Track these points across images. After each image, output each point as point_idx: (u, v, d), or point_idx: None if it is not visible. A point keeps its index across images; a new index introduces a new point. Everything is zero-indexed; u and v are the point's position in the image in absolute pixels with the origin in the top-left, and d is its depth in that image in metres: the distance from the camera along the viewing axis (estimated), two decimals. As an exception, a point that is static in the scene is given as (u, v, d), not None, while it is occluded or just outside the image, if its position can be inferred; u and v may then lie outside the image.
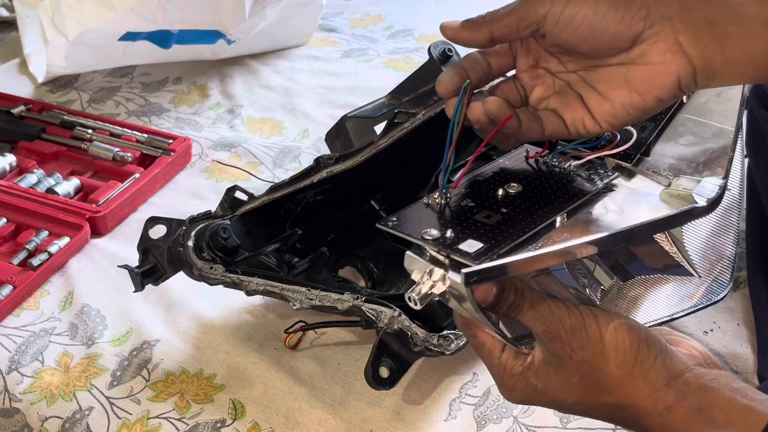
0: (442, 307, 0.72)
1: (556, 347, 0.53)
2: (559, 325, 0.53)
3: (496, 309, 0.54)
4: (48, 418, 0.77)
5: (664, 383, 0.52)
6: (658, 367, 0.52)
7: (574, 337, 0.53)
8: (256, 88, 1.30)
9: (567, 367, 0.53)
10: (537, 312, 0.53)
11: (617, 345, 0.52)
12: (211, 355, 0.82)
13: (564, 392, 0.54)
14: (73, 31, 1.13)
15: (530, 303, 0.54)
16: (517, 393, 0.56)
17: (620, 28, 0.54)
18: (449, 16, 1.64)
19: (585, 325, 0.53)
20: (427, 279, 0.52)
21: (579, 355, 0.53)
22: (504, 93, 0.61)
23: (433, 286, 0.52)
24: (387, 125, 0.84)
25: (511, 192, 0.59)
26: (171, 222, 0.79)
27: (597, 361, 0.53)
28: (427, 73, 0.90)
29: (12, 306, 0.88)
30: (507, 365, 0.56)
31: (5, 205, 0.99)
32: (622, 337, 0.53)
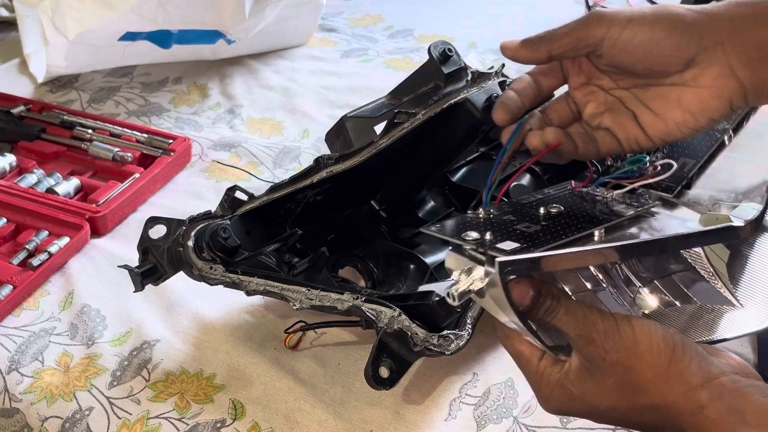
0: (442, 307, 0.72)
1: (589, 350, 0.54)
2: (592, 328, 0.53)
3: (532, 314, 0.55)
4: (48, 418, 0.77)
5: (699, 383, 0.52)
6: (694, 368, 0.52)
7: (607, 340, 0.53)
8: (256, 88, 1.30)
9: (601, 370, 0.54)
10: (572, 316, 0.54)
11: (651, 346, 0.53)
12: (211, 355, 0.82)
13: (599, 397, 0.54)
14: (73, 31, 1.13)
15: (565, 308, 0.55)
16: (554, 401, 0.57)
17: (675, 53, 0.57)
18: (449, 16, 1.64)
19: (618, 328, 0.53)
20: (466, 277, 0.53)
21: (612, 357, 0.53)
22: (557, 112, 0.64)
23: (472, 284, 0.53)
24: (387, 125, 0.84)
25: (552, 211, 0.61)
26: (171, 222, 0.79)
27: (630, 362, 0.53)
28: (427, 73, 0.90)
29: (12, 306, 0.88)
30: (545, 373, 0.56)
31: (5, 205, 0.99)
32: (657, 339, 0.53)
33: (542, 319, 0.55)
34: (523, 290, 0.54)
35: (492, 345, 0.82)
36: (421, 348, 0.71)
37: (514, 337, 0.58)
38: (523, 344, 0.57)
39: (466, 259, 0.53)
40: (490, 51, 1.40)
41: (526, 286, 0.54)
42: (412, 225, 0.92)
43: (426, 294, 0.73)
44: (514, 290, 0.53)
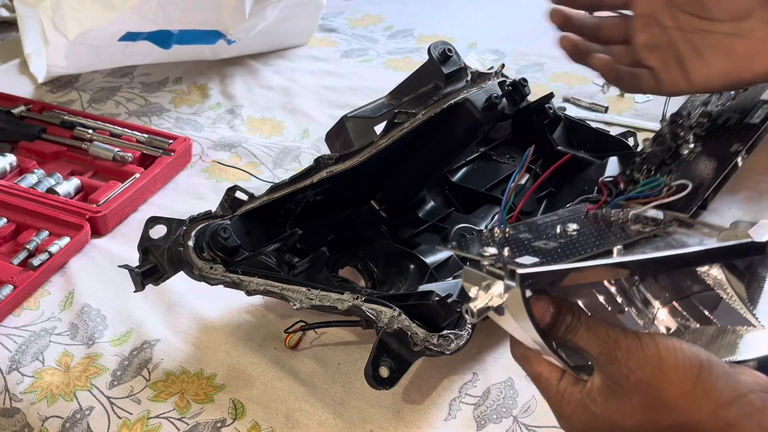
0: (442, 307, 0.72)
1: (612, 369, 0.52)
2: (615, 346, 0.52)
3: (553, 331, 0.54)
4: (48, 418, 0.77)
5: (727, 401, 0.51)
6: (721, 386, 0.51)
7: (630, 358, 0.52)
8: (256, 88, 1.30)
9: (625, 389, 0.52)
10: (593, 334, 0.53)
11: (677, 363, 0.52)
12: (211, 355, 0.82)
13: (624, 416, 0.53)
14: (73, 31, 1.13)
15: (586, 326, 0.53)
16: (576, 422, 0.55)
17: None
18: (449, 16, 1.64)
19: (642, 346, 0.52)
20: (484, 293, 0.52)
21: (636, 375, 0.52)
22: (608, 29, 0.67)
23: (491, 300, 0.52)
24: (387, 125, 0.84)
25: (568, 230, 0.60)
26: (171, 222, 0.79)
27: (655, 380, 0.52)
28: (427, 74, 0.90)
29: (12, 306, 0.88)
30: (565, 393, 0.55)
31: (5, 205, 0.99)
32: (682, 356, 0.52)
33: (563, 337, 0.54)
34: (544, 307, 0.53)
35: (492, 345, 0.82)
36: (421, 348, 0.71)
37: (533, 358, 0.56)
38: (542, 365, 0.56)
39: (484, 275, 0.52)
40: (490, 51, 1.40)
41: (547, 303, 0.53)
42: (412, 225, 0.92)
43: (426, 294, 0.73)
44: (534, 307, 0.52)
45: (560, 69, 1.35)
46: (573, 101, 1.24)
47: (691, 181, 0.66)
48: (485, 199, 0.94)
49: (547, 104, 0.98)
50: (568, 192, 0.93)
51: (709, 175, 0.69)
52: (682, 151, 0.76)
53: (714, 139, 0.75)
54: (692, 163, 0.73)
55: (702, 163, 0.73)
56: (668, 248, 0.61)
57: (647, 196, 0.66)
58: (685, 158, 0.75)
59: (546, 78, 1.32)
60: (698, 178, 0.69)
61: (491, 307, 0.52)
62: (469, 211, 0.94)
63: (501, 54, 1.40)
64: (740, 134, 0.73)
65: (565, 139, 0.98)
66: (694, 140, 0.76)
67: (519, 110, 0.94)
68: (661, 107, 1.17)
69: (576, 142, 0.99)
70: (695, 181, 0.69)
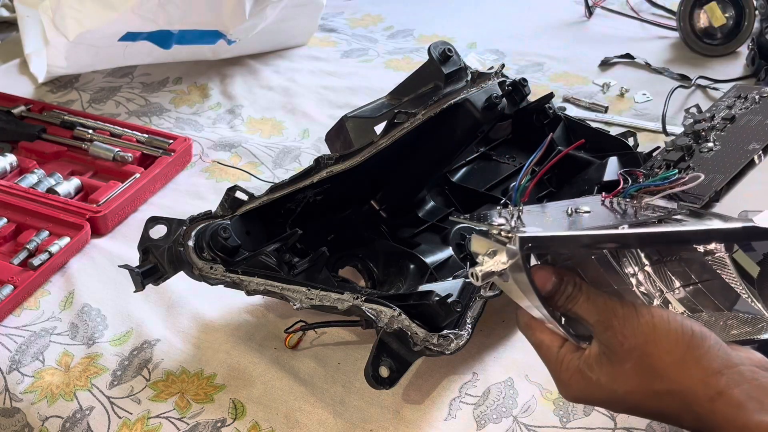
0: (442, 307, 0.72)
1: (608, 336, 0.55)
2: (611, 314, 0.55)
3: (554, 300, 0.56)
4: (48, 418, 0.77)
5: (717, 370, 0.52)
6: (712, 355, 0.53)
7: (625, 326, 0.54)
8: (256, 88, 1.30)
9: (619, 356, 0.54)
10: (592, 304, 0.56)
11: (669, 332, 0.53)
12: (212, 354, 0.82)
13: (617, 382, 0.55)
14: (73, 31, 1.13)
15: (586, 295, 0.56)
16: (573, 388, 0.57)
17: None
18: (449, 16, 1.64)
19: (637, 314, 0.54)
20: (489, 259, 0.54)
21: (630, 342, 0.54)
22: None
23: (495, 265, 0.54)
24: (387, 125, 0.84)
25: (579, 210, 0.62)
26: (171, 222, 0.79)
27: (648, 347, 0.54)
28: (427, 74, 0.90)
29: (12, 306, 0.88)
30: (564, 359, 0.57)
31: (6, 205, 0.99)
32: (675, 325, 0.54)
33: (563, 306, 0.56)
34: (546, 275, 0.56)
35: (492, 345, 0.82)
36: (421, 347, 0.71)
37: (535, 327, 0.59)
38: (544, 333, 0.58)
39: (491, 241, 0.54)
40: (490, 51, 1.40)
41: (548, 272, 0.56)
42: (412, 225, 0.92)
43: (426, 294, 0.74)
44: (536, 275, 0.55)
45: (560, 69, 1.35)
46: (573, 101, 1.24)
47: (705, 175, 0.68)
48: (485, 199, 0.94)
49: (547, 104, 0.98)
50: (568, 192, 0.93)
51: (725, 170, 0.70)
52: (702, 150, 0.77)
53: (734, 139, 0.77)
54: (710, 160, 0.75)
55: (720, 160, 0.74)
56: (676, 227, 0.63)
57: (661, 185, 0.67)
58: (704, 155, 0.76)
59: (546, 78, 1.32)
60: (714, 173, 0.70)
61: (495, 272, 0.54)
62: (469, 211, 0.93)
63: (501, 54, 1.40)
64: (759, 134, 0.75)
65: (565, 139, 0.98)
66: (714, 139, 0.77)
67: (519, 110, 0.94)
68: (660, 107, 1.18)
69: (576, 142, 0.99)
70: (710, 176, 0.70)
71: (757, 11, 1.31)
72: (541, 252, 0.58)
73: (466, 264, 0.86)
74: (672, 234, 0.59)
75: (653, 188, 0.67)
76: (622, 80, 1.30)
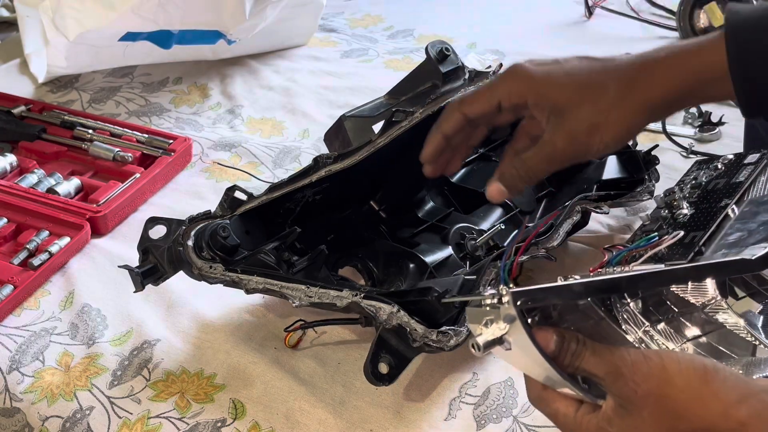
0: (440, 303, 0.72)
1: (620, 386, 0.53)
2: (620, 363, 0.53)
3: (559, 360, 0.55)
4: (48, 418, 0.77)
5: (736, 400, 0.51)
6: (730, 386, 0.52)
7: (635, 372, 0.53)
8: (256, 88, 1.30)
9: (635, 405, 0.53)
10: (598, 356, 0.54)
11: (680, 370, 0.52)
12: (212, 354, 0.82)
13: (639, 430, 0.54)
14: (73, 31, 1.13)
15: (591, 350, 0.55)
16: None
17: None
18: (449, 16, 1.64)
19: (646, 359, 0.53)
20: (487, 329, 0.54)
21: (643, 388, 0.53)
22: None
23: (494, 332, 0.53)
24: (385, 124, 0.84)
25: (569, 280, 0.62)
26: (171, 222, 0.79)
27: (662, 390, 0.52)
28: (425, 73, 0.90)
29: (13, 306, 0.88)
30: (583, 422, 0.56)
31: (6, 205, 0.99)
32: (686, 363, 0.53)
33: (571, 365, 0.55)
34: (547, 335, 0.55)
35: (491, 344, 0.82)
36: (420, 344, 0.71)
37: (548, 397, 0.57)
38: (558, 401, 0.57)
39: (484, 310, 0.54)
40: (490, 51, 1.40)
41: (550, 332, 0.55)
42: (411, 225, 0.92)
43: (425, 290, 0.73)
44: (538, 335, 0.54)
45: (560, 69, 1.35)
46: (573, 101, 1.24)
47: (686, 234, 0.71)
48: (485, 200, 0.94)
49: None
50: (568, 191, 0.93)
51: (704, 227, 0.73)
52: (677, 216, 0.82)
53: (705, 201, 0.82)
54: (687, 222, 0.79)
55: (697, 220, 0.78)
56: None
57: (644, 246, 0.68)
58: (680, 220, 0.81)
59: (546, 78, 1.32)
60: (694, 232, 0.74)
61: (496, 339, 0.53)
62: (468, 211, 0.94)
63: (501, 54, 1.40)
64: (728, 191, 0.80)
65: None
66: (687, 206, 0.82)
67: (518, 110, 0.94)
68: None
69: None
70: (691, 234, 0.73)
71: (757, 11, 1.31)
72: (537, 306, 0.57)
73: (465, 263, 0.86)
74: (663, 272, 0.59)
75: (636, 252, 0.67)
76: (622, 80, 1.29)
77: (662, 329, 0.66)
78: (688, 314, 0.68)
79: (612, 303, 0.66)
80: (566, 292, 0.56)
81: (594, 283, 0.57)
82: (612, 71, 0.68)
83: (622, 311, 0.66)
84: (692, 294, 0.67)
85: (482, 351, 0.53)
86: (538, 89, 0.68)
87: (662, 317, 0.67)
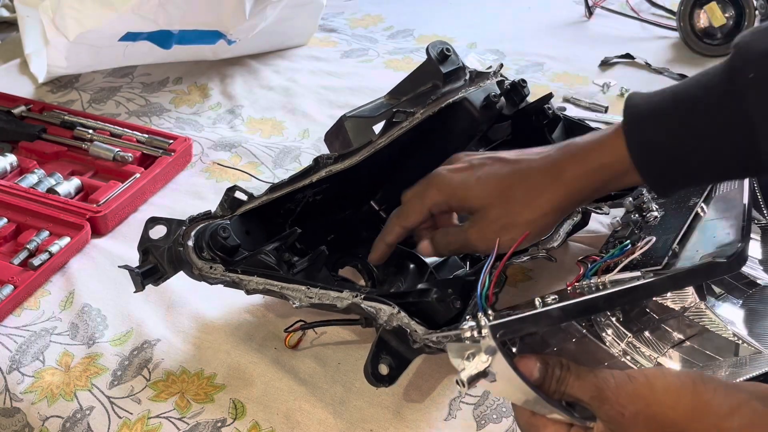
0: (441, 304, 0.72)
1: (606, 410, 0.53)
2: (604, 386, 0.54)
3: (544, 387, 0.55)
4: (49, 418, 0.77)
5: (728, 412, 0.51)
6: (720, 398, 0.52)
7: (620, 394, 0.53)
8: (256, 88, 1.30)
9: (624, 426, 0.53)
10: (583, 381, 0.55)
11: (668, 387, 0.53)
12: (212, 354, 0.82)
13: None
14: (73, 31, 1.13)
15: (575, 374, 0.55)
16: None
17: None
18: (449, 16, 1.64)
19: (630, 380, 0.53)
20: (469, 363, 0.54)
21: (630, 410, 0.53)
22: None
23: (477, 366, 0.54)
24: (385, 124, 0.84)
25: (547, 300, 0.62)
26: (171, 222, 0.79)
27: (651, 409, 0.52)
28: (426, 73, 0.90)
29: (13, 306, 0.88)
30: None
31: (6, 205, 0.99)
32: (673, 379, 0.53)
33: (556, 391, 0.55)
34: (530, 363, 0.55)
35: (491, 344, 0.82)
36: (420, 345, 0.71)
37: (538, 423, 0.57)
38: (548, 426, 0.57)
39: (465, 345, 0.55)
40: (490, 51, 1.41)
41: (532, 360, 0.55)
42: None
43: (425, 291, 0.73)
44: (520, 364, 0.54)
45: (560, 69, 1.35)
46: (573, 101, 1.24)
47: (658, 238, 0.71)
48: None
49: (546, 105, 0.98)
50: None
51: (675, 229, 0.73)
52: (648, 219, 0.82)
53: (673, 202, 0.81)
54: (659, 225, 0.79)
55: (667, 222, 0.78)
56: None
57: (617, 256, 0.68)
58: (651, 224, 0.81)
59: (546, 78, 1.32)
60: (666, 235, 0.73)
61: (480, 373, 0.54)
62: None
63: (501, 54, 1.40)
64: (695, 191, 0.79)
65: (565, 139, 0.98)
66: (656, 207, 0.82)
67: (518, 111, 0.94)
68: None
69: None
70: (662, 238, 0.72)
71: (757, 11, 1.31)
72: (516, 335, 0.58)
73: (465, 263, 0.86)
74: (639, 287, 0.59)
75: (611, 262, 0.67)
76: (622, 80, 1.30)
77: (646, 338, 0.67)
78: (669, 320, 0.68)
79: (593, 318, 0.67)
80: (544, 319, 0.57)
81: (571, 306, 0.57)
82: (521, 174, 0.71)
83: (603, 325, 0.67)
84: (671, 300, 0.67)
85: (467, 386, 0.54)
86: (458, 195, 0.73)
87: (644, 326, 0.67)
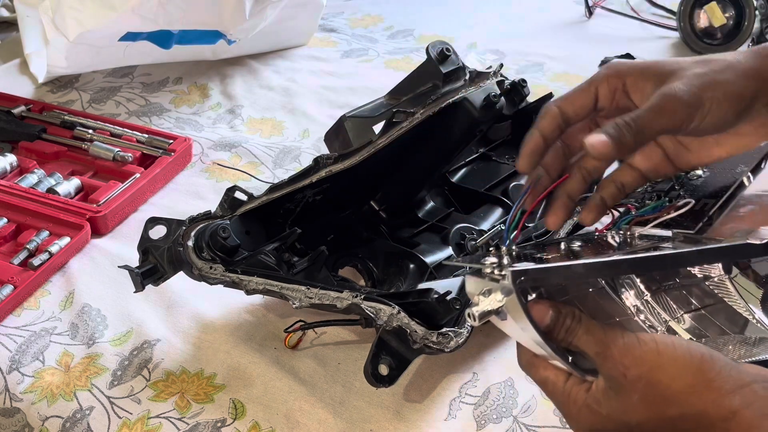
0: (441, 304, 0.72)
1: (608, 368, 0.53)
2: (611, 344, 0.53)
3: (552, 334, 0.55)
4: (48, 418, 0.77)
5: (730, 390, 0.51)
6: (724, 376, 0.52)
7: (625, 356, 0.53)
8: (256, 88, 1.30)
9: (624, 388, 0.53)
10: (591, 335, 0.54)
11: (675, 358, 0.52)
12: (212, 354, 0.82)
13: (627, 414, 0.54)
14: (73, 31, 1.13)
15: (585, 327, 0.55)
16: (583, 422, 0.56)
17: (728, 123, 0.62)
18: (449, 16, 1.64)
19: (639, 343, 0.53)
20: (485, 298, 0.53)
21: (633, 372, 0.52)
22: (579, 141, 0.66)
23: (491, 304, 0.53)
24: (385, 125, 0.84)
25: (572, 246, 0.61)
26: (171, 222, 0.79)
27: (653, 375, 0.52)
28: (426, 73, 0.90)
29: (13, 306, 0.88)
30: (571, 393, 0.56)
31: (6, 205, 0.99)
32: (682, 351, 0.52)
33: (564, 340, 0.55)
34: (543, 309, 0.55)
35: (492, 345, 0.82)
36: (420, 345, 0.71)
37: (539, 364, 0.57)
38: (548, 369, 0.57)
39: (484, 281, 0.54)
40: (490, 51, 1.40)
41: (546, 306, 0.55)
42: (411, 225, 0.92)
43: (425, 292, 0.74)
44: (533, 309, 0.54)
45: (560, 69, 1.35)
46: (573, 101, 1.24)
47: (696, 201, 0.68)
48: (485, 200, 0.94)
49: (546, 104, 0.98)
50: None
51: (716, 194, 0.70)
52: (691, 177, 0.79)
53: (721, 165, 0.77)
54: (700, 186, 0.75)
55: (710, 185, 0.75)
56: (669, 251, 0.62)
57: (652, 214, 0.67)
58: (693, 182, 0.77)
59: (546, 78, 1.32)
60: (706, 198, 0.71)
61: (492, 310, 0.53)
62: (468, 212, 0.94)
63: (501, 54, 1.40)
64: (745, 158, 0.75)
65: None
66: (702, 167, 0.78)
67: (518, 111, 0.94)
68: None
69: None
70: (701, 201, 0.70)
71: (757, 11, 1.31)
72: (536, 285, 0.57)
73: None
74: (666, 257, 0.58)
75: (645, 218, 0.66)
76: (622, 80, 1.29)
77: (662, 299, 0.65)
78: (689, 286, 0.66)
79: None
80: (567, 273, 0.55)
81: (596, 265, 0.56)
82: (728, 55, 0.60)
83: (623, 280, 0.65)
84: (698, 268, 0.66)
85: (478, 321, 0.53)
86: (639, 66, 0.61)
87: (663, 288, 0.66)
